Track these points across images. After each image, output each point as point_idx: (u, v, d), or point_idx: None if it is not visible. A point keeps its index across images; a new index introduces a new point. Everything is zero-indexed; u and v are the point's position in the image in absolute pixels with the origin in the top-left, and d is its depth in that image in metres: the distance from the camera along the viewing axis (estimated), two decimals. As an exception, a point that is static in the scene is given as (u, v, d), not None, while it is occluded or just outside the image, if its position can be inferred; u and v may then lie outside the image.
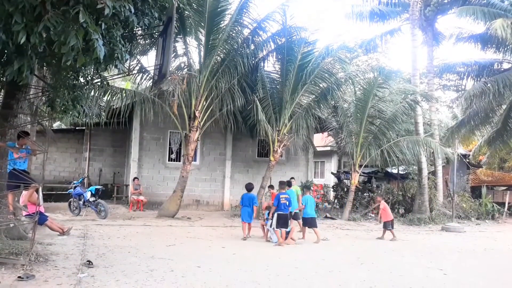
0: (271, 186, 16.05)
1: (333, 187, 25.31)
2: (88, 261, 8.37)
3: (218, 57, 18.20)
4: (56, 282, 6.98)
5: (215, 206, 21.80)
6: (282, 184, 13.77)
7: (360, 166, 21.12)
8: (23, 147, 9.98)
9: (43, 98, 10.81)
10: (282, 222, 12.53)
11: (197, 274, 8.08)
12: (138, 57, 17.84)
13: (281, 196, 12.78)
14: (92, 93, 15.43)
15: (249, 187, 13.67)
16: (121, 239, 11.87)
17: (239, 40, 18.51)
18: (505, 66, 25.61)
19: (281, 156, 20.32)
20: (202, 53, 17.77)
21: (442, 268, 10.01)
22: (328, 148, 30.50)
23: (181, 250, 10.74)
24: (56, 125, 26.94)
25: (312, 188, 21.58)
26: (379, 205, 15.50)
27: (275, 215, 12.55)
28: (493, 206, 23.87)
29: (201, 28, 17.37)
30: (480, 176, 29.48)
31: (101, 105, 18.26)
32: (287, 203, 12.67)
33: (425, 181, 21.88)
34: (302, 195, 14.91)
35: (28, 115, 11.36)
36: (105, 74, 10.78)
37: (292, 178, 18.60)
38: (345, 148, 21.60)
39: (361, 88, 20.67)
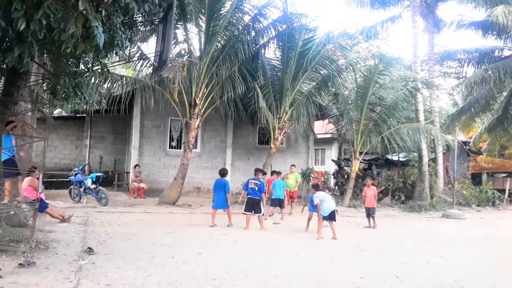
0: (277, 172, 16.71)
1: (333, 174, 25.36)
2: (89, 248, 8.38)
3: (219, 44, 18.14)
4: (57, 269, 6.99)
5: (215, 193, 21.80)
6: (257, 171, 13.95)
7: (361, 153, 21.12)
8: (10, 133, 9.98)
9: (44, 85, 10.79)
10: (250, 206, 12.76)
11: (198, 261, 8.10)
12: (138, 44, 17.79)
13: (250, 181, 13.07)
14: (93, 80, 15.41)
15: (222, 172, 13.61)
16: (122, 226, 11.90)
17: (240, 26, 18.43)
18: (506, 53, 25.53)
19: (281, 143, 20.33)
20: (202, 40, 17.70)
21: (442, 255, 10.03)
22: (329, 135, 30.49)
23: (182, 237, 10.75)
24: (57, 112, 26.93)
25: (313, 175, 21.59)
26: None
27: (246, 199, 12.94)
28: (493, 193, 23.96)
29: (201, 14, 17.32)
30: (480, 163, 29.50)
31: (101, 92, 18.22)
32: (256, 188, 12.84)
33: (426, 168, 21.90)
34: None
35: (29, 102, 11.35)
36: (106, 61, 10.75)
37: (293, 165, 18.63)
38: (346, 135, 21.59)
39: (362, 75, 20.63)
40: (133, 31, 11.16)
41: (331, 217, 11.86)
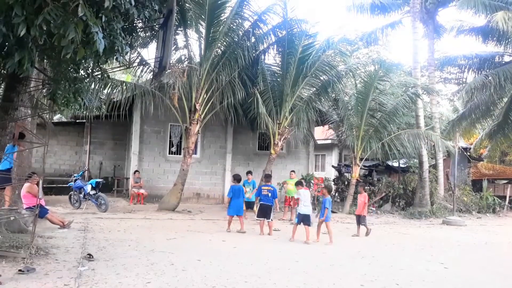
0: (249, 172, 16.66)
1: (333, 180, 25.28)
2: (88, 254, 8.37)
3: (219, 50, 18.16)
4: (57, 275, 6.98)
5: (215, 199, 21.80)
6: (267, 177, 14.13)
7: (361, 159, 21.05)
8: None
9: (44, 90, 10.80)
10: (263, 212, 12.87)
11: (197, 268, 8.08)
12: (138, 49, 17.80)
13: (263, 187, 13.25)
14: (93, 86, 15.40)
15: (239, 178, 13.62)
16: (121, 232, 11.88)
17: (240, 32, 18.44)
18: (506, 59, 25.59)
19: (281, 149, 20.32)
20: (202, 46, 17.71)
21: (442, 262, 10.01)
22: (329, 141, 30.50)
23: (182, 244, 10.73)
24: (57, 118, 26.90)
25: (313, 181, 21.53)
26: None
27: (258, 205, 13.08)
28: (494, 199, 23.91)
29: (201, 20, 17.33)
30: (481, 170, 29.47)
31: (101, 98, 18.22)
32: (269, 194, 12.96)
33: (426, 174, 21.86)
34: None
35: (29, 107, 11.34)
36: (106, 66, 10.75)
37: (293, 171, 18.60)
38: (346, 141, 21.55)
39: (362, 81, 20.60)
40: (133, 37, 11.15)
41: (304, 220, 11.91)
